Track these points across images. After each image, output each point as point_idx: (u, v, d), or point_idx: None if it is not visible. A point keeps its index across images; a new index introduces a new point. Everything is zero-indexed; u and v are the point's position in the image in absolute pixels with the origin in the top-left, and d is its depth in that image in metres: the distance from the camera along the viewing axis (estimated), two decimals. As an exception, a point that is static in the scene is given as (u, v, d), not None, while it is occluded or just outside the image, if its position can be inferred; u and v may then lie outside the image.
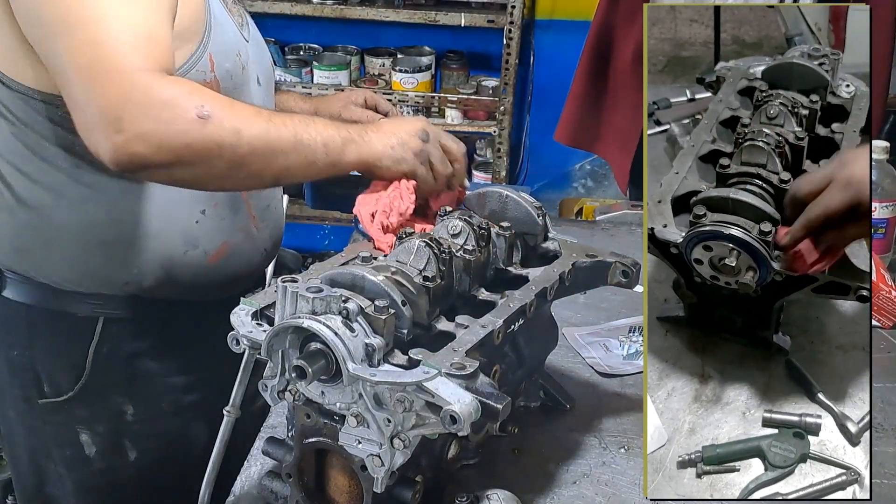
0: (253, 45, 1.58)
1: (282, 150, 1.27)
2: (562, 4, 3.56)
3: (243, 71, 1.50)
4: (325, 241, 4.00)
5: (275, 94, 1.73)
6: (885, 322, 1.78)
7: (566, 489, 1.34)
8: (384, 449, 1.09)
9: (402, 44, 3.62)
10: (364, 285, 1.15)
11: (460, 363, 1.06)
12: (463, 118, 3.55)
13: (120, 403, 1.58)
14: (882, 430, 1.47)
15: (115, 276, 1.50)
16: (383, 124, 1.40)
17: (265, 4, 3.38)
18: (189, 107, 1.20)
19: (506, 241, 1.38)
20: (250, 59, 1.54)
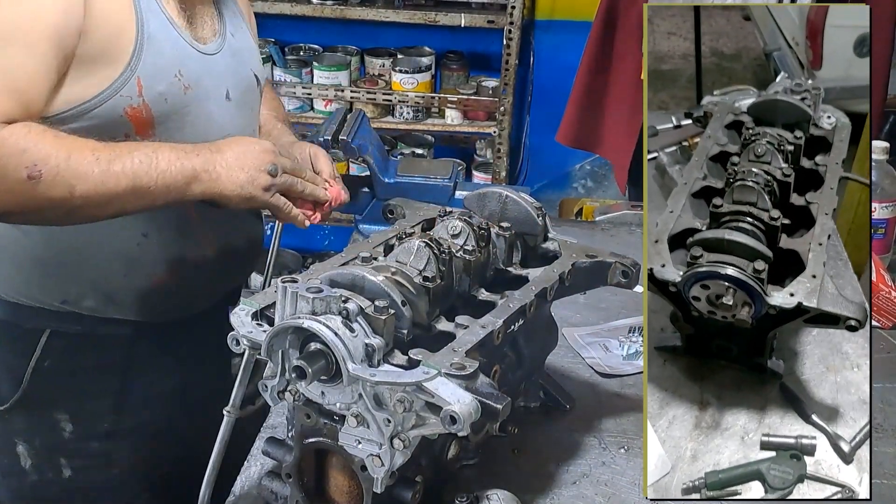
0: (225, 57, 1.52)
1: (117, 196, 1.28)
2: (562, 5, 3.56)
3: (187, 91, 1.43)
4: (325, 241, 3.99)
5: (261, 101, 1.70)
6: (884, 322, 1.78)
7: (566, 489, 1.34)
8: (384, 449, 1.09)
9: (402, 44, 3.62)
10: (364, 285, 1.15)
11: (460, 363, 1.06)
12: (463, 118, 3.55)
13: (59, 419, 1.55)
14: (882, 430, 1.48)
15: (52, 294, 1.48)
16: (229, 154, 1.36)
17: (265, 4, 3.37)
18: (20, 167, 1.20)
19: (506, 242, 1.38)
20: (212, 74, 1.48)
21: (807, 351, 1.56)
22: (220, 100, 1.50)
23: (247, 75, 1.59)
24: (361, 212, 1.98)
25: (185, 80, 1.42)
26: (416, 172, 1.98)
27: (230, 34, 1.56)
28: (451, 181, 1.96)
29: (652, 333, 1.55)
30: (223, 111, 1.51)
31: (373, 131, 1.96)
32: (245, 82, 1.58)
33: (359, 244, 1.37)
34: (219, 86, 1.50)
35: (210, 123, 1.48)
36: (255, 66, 1.64)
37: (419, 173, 1.98)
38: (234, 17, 1.60)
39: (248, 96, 1.60)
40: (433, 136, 3.69)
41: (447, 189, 1.95)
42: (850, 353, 1.55)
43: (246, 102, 1.59)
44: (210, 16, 1.53)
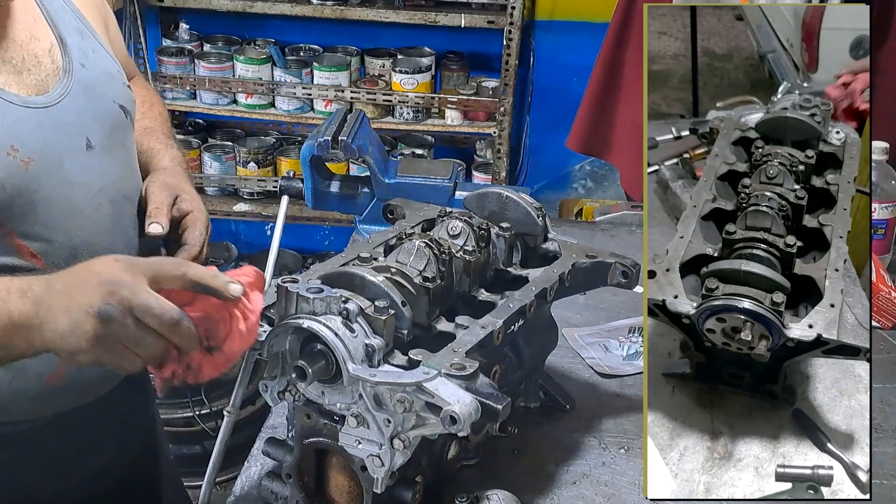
0: (75, 100, 1.27)
1: None
2: (562, 5, 3.56)
3: (29, 165, 1.18)
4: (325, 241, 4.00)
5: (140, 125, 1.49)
6: (884, 323, 1.78)
7: (566, 489, 1.34)
8: (384, 449, 1.09)
9: (403, 44, 3.62)
10: (364, 286, 1.15)
11: (460, 364, 1.06)
12: (463, 119, 3.55)
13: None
14: (882, 430, 1.48)
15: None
16: (58, 287, 1.00)
17: (265, 5, 3.38)
18: None
19: (506, 242, 1.38)
20: (60, 129, 1.24)
21: (819, 374, 1.52)
22: (80, 154, 1.27)
23: (109, 110, 1.34)
24: (361, 212, 1.98)
25: (22, 153, 1.17)
26: (416, 173, 1.98)
27: (79, 65, 1.30)
28: (451, 182, 1.96)
29: (658, 359, 1.52)
30: (86, 166, 1.27)
31: (373, 132, 1.96)
32: (109, 119, 1.33)
33: (359, 244, 1.37)
34: (73, 139, 1.26)
35: (70, 189, 1.25)
36: (119, 94, 1.37)
37: (419, 174, 1.98)
38: (84, 37, 1.35)
39: (118, 134, 1.35)
40: (433, 137, 3.69)
41: (447, 189, 1.95)
42: (864, 375, 1.51)
43: (116, 142, 1.34)
44: (46, 52, 1.27)
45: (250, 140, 3.72)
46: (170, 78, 3.50)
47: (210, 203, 3.66)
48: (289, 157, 3.63)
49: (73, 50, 1.31)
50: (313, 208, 2.01)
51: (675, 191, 2.00)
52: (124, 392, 1.47)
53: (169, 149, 1.52)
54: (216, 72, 3.48)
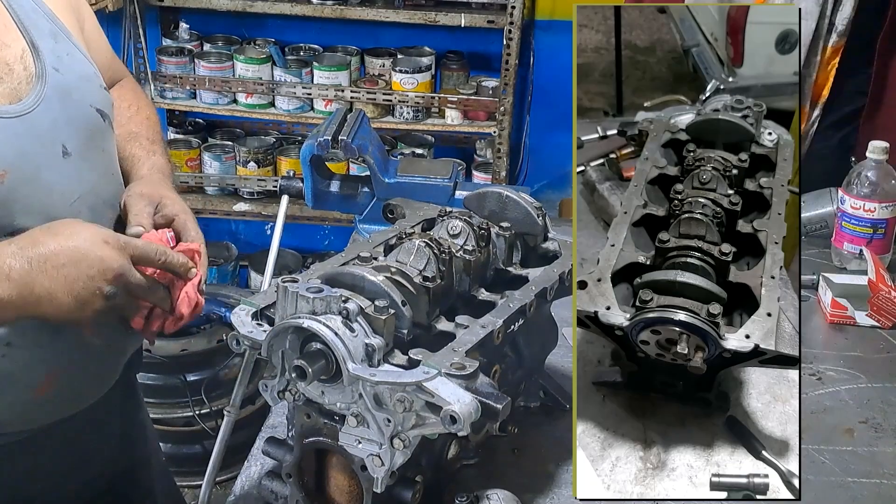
0: (50, 106, 1.24)
1: None
2: (562, 5, 3.55)
3: (4, 178, 1.16)
4: (325, 241, 3.99)
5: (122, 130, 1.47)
6: (884, 322, 1.78)
7: (566, 489, 1.34)
8: (384, 449, 1.09)
9: (402, 44, 3.61)
10: (364, 285, 1.15)
11: (460, 363, 1.06)
12: (463, 118, 3.55)
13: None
14: (882, 430, 1.48)
15: None
16: (52, 268, 1.09)
17: (265, 4, 3.38)
18: None
19: (506, 242, 1.38)
20: (34, 137, 1.22)
21: (752, 380, 1.49)
22: (56, 161, 1.24)
23: (86, 115, 1.31)
24: (361, 212, 1.98)
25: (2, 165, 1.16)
26: (416, 172, 1.98)
27: (53, 69, 1.26)
28: (451, 181, 1.96)
29: (588, 366, 1.49)
30: (64, 173, 1.25)
31: (373, 131, 1.96)
32: (87, 125, 1.31)
33: (359, 244, 1.37)
34: (49, 146, 1.24)
35: (50, 198, 1.23)
36: (95, 98, 1.33)
37: (419, 173, 1.98)
38: (58, 40, 1.31)
39: (96, 139, 1.33)
40: (433, 136, 3.69)
41: (447, 189, 1.95)
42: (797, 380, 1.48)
43: (94, 147, 1.32)
44: (18, 59, 1.23)
45: (250, 140, 3.73)
46: (170, 77, 3.50)
47: (210, 203, 3.66)
48: (289, 157, 3.63)
49: (46, 54, 1.27)
50: (313, 208, 2.01)
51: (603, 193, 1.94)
52: (113, 401, 1.46)
53: (151, 155, 1.48)
54: (216, 71, 3.48)
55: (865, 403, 1.54)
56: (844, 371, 1.64)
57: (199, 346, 2.80)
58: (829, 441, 1.45)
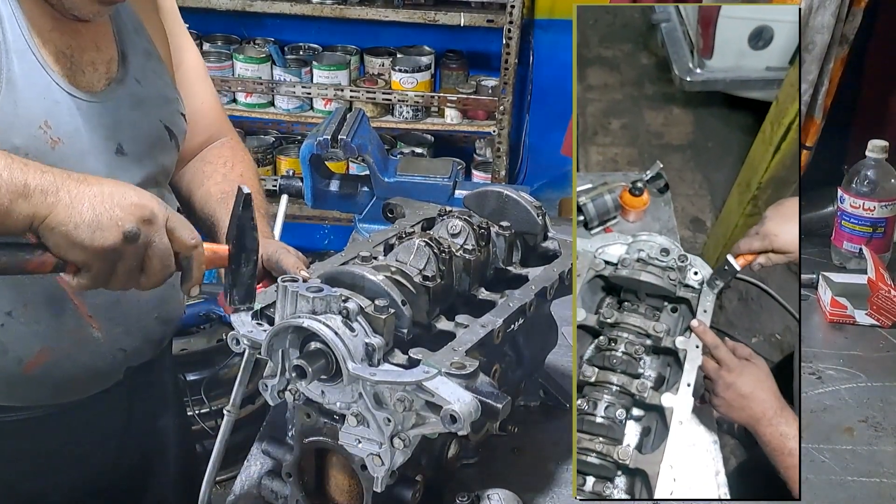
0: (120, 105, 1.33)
1: None
2: (561, 4, 3.55)
3: (56, 145, 1.23)
4: (325, 240, 3.99)
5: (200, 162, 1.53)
6: (884, 322, 1.78)
7: (566, 488, 1.34)
8: (384, 448, 1.09)
9: (402, 43, 3.61)
10: (364, 285, 1.15)
11: (460, 362, 1.06)
12: (462, 118, 3.55)
13: None
14: (881, 428, 1.48)
15: None
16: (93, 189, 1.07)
17: (265, 4, 3.37)
18: None
19: (505, 241, 1.38)
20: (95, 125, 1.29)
21: None
22: (108, 155, 1.31)
23: (153, 127, 1.40)
24: (361, 211, 1.98)
25: (52, 132, 1.23)
26: (415, 172, 1.98)
27: (134, 80, 1.37)
28: (450, 180, 1.96)
29: None
30: (112, 167, 1.30)
31: (372, 130, 1.96)
32: (150, 134, 1.39)
33: (359, 243, 1.37)
34: (105, 139, 1.31)
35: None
36: (169, 117, 1.43)
37: (419, 172, 1.98)
38: (150, 59, 1.42)
39: (156, 150, 1.40)
40: (433, 136, 3.69)
41: (447, 188, 1.95)
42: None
43: (151, 156, 1.39)
44: (105, 61, 1.34)
45: (250, 139, 3.72)
46: (169, 77, 3.49)
47: (209, 202, 3.66)
48: (288, 156, 3.63)
49: (133, 66, 1.37)
50: (313, 207, 2.01)
51: None
52: (116, 401, 1.45)
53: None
54: (215, 71, 3.48)
55: (865, 402, 1.55)
56: (844, 370, 1.64)
57: (199, 345, 2.80)
58: (828, 440, 1.45)
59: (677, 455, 1.33)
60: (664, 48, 2.60)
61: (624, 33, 2.92)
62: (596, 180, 1.97)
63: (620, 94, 2.91)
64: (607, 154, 2.79)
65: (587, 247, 1.58)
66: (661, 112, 2.88)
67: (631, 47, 2.95)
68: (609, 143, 2.82)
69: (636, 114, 2.90)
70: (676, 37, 2.56)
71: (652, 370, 1.49)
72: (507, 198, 1.43)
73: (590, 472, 1.37)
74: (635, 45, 2.93)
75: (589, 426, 1.39)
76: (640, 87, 2.93)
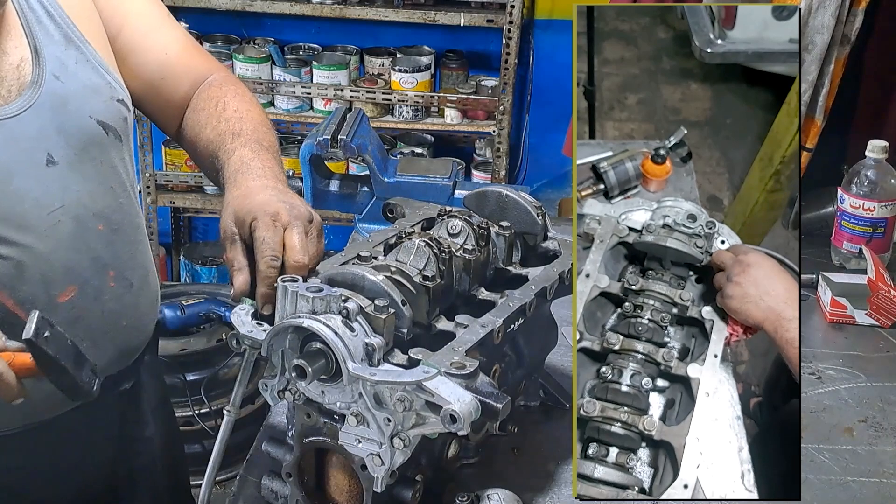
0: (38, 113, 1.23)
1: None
2: (561, 4, 3.55)
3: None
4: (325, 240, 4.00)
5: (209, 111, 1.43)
6: (884, 322, 1.78)
7: (566, 489, 1.34)
8: (384, 448, 1.09)
9: (402, 43, 3.61)
10: (364, 285, 1.15)
11: (460, 362, 1.06)
12: (462, 118, 3.55)
13: None
14: (881, 428, 1.48)
15: None
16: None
17: (264, 4, 3.37)
18: None
19: (505, 241, 1.38)
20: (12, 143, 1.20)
21: None
22: (37, 169, 1.22)
23: (82, 126, 1.28)
24: (361, 211, 1.98)
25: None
26: (415, 172, 1.98)
27: (53, 77, 1.25)
28: (450, 180, 1.96)
29: None
30: (43, 182, 1.23)
31: (372, 130, 1.96)
32: (82, 135, 1.28)
33: (359, 243, 1.37)
34: (30, 153, 1.22)
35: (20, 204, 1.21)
36: (99, 109, 1.31)
37: (418, 172, 1.98)
38: (68, 47, 1.29)
39: (92, 150, 1.30)
40: (432, 136, 3.69)
41: (447, 188, 1.95)
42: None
43: (89, 158, 1.29)
44: (14, 66, 1.24)
45: (250, 139, 3.72)
46: (169, 77, 3.49)
47: (210, 202, 3.66)
48: (288, 157, 3.62)
49: (49, 60, 1.26)
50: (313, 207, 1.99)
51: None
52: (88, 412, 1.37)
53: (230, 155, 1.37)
54: (215, 71, 3.48)
55: (865, 402, 1.54)
56: (844, 370, 1.64)
57: (199, 345, 2.80)
58: (828, 440, 1.45)
59: (704, 428, 1.30)
60: (684, 19, 2.50)
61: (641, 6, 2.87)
62: (616, 148, 1.92)
63: (637, 69, 2.85)
64: (623, 129, 2.74)
65: (610, 212, 1.54)
66: (679, 87, 2.81)
67: (648, 21, 2.88)
68: (625, 119, 2.77)
69: (653, 89, 2.83)
70: (698, 9, 2.49)
71: (676, 341, 1.46)
72: (506, 198, 1.43)
73: (614, 442, 1.33)
74: (653, 19, 2.86)
75: (614, 395, 1.35)
76: (658, 61, 2.85)
